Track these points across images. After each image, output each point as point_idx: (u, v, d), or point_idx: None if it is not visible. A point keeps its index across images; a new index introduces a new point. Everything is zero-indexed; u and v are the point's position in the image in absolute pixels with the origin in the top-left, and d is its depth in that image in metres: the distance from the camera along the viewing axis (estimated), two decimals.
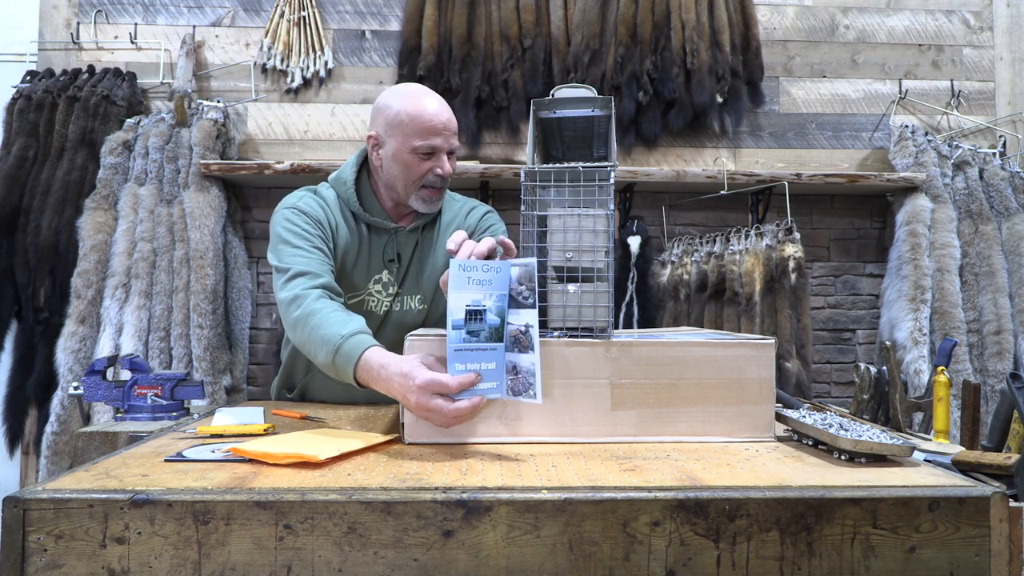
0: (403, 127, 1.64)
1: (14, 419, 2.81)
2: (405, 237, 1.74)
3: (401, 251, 1.73)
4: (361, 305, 1.71)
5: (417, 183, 1.67)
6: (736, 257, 2.79)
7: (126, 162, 2.85)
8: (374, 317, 1.72)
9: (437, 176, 1.67)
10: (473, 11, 2.96)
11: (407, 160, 1.65)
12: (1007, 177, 3.01)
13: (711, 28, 2.99)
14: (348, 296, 1.67)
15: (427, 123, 1.63)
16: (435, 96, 1.69)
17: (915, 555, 0.96)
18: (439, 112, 1.65)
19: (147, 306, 2.74)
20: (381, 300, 1.73)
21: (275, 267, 1.60)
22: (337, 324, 1.38)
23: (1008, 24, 3.22)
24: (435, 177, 1.67)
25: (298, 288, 1.50)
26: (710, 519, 0.95)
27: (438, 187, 1.69)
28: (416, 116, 1.63)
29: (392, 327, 1.73)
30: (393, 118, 1.65)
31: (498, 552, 0.93)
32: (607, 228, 1.30)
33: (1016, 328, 2.89)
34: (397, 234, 1.73)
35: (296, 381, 1.84)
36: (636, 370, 1.27)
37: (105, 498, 0.92)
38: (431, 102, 1.66)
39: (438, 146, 1.65)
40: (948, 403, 1.40)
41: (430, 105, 1.65)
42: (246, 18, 3.07)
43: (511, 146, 3.09)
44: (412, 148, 1.64)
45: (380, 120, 1.68)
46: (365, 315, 1.62)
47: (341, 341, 1.33)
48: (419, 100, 1.65)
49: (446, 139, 1.66)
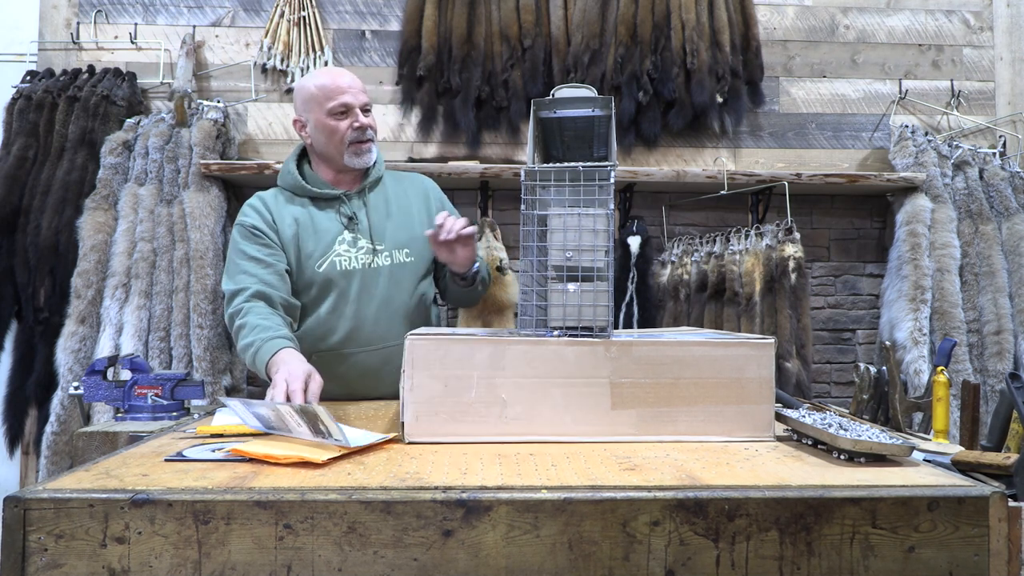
0: (315, 99, 1.85)
1: (14, 419, 2.81)
2: (354, 200, 1.90)
3: (355, 211, 1.88)
4: (333, 266, 1.84)
5: (343, 142, 1.85)
6: (736, 257, 2.79)
7: (126, 162, 2.85)
8: (353, 273, 1.85)
9: (356, 130, 1.84)
10: (473, 11, 2.96)
11: (327, 125, 1.84)
12: (1007, 177, 3.01)
13: (711, 28, 2.99)
14: (318, 261, 1.83)
15: (332, 87, 1.83)
16: (333, 68, 2.01)
17: (914, 555, 0.96)
18: (341, 75, 1.87)
19: (147, 306, 2.74)
20: (352, 256, 1.85)
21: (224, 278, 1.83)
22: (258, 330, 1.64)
23: (1008, 24, 3.22)
24: (355, 131, 1.84)
25: (231, 307, 1.74)
26: (709, 519, 0.95)
27: (363, 140, 1.86)
28: (322, 85, 1.84)
29: (385, 281, 1.86)
30: (306, 96, 1.87)
31: (498, 552, 0.93)
32: (607, 228, 1.30)
33: (1016, 328, 2.89)
34: (346, 199, 1.89)
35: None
36: (636, 370, 1.27)
37: (105, 498, 0.92)
38: (332, 71, 1.90)
39: (348, 103, 1.84)
40: (948, 403, 1.40)
41: (331, 73, 1.89)
42: (246, 18, 3.07)
43: (511, 146, 3.09)
44: (327, 112, 1.83)
45: (298, 103, 1.90)
46: (341, 274, 1.82)
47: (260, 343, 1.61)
48: (322, 73, 1.90)
49: (354, 95, 1.84)
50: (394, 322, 1.85)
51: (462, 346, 1.27)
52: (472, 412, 1.27)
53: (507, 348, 1.27)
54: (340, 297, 1.82)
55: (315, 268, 1.81)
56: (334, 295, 1.82)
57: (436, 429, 1.25)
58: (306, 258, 1.82)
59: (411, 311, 1.89)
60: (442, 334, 1.31)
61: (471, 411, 1.27)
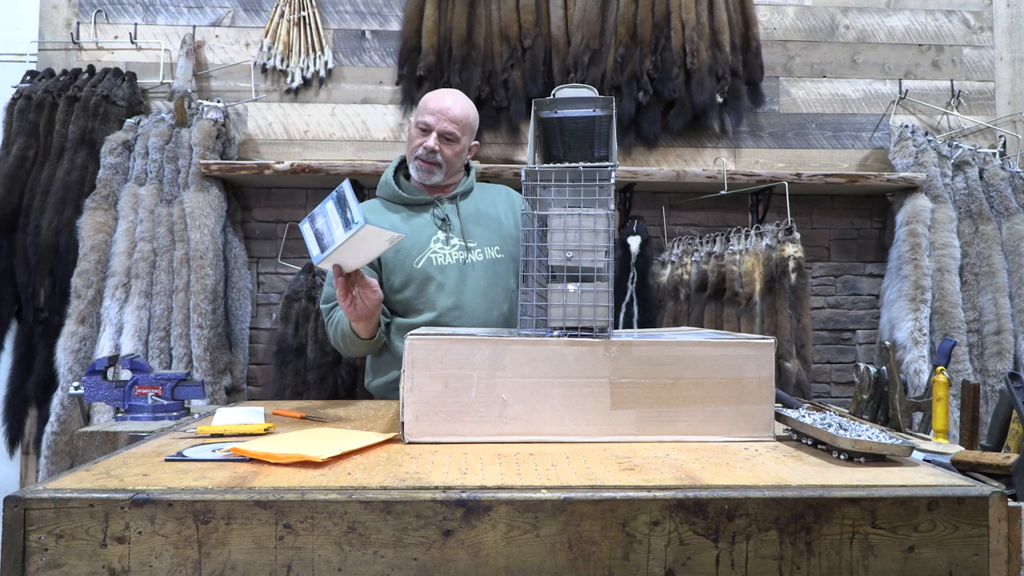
0: (418, 109, 2.04)
1: (14, 419, 2.81)
2: (446, 205, 2.04)
3: (448, 215, 2.03)
4: (430, 262, 1.97)
5: (413, 154, 1.99)
6: (736, 257, 2.79)
7: (126, 162, 2.85)
8: (448, 268, 1.98)
9: (424, 149, 1.96)
10: (473, 11, 2.96)
11: (411, 134, 2.01)
12: (1007, 177, 3.01)
13: (711, 28, 2.99)
14: (415, 258, 1.97)
15: (429, 105, 1.99)
16: (453, 91, 2.04)
17: (914, 554, 0.96)
18: (442, 98, 1.99)
19: (147, 306, 2.74)
20: (447, 253, 1.99)
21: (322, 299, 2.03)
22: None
23: (1008, 24, 3.22)
24: (422, 150, 1.97)
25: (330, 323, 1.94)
26: (709, 519, 0.95)
27: (426, 160, 1.97)
28: (425, 99, 2.01)
29: (480, 274, 1.99)
30: (419, 103, 2.04)
31: (497, 551, 0.93)
32: (607, 228, 1.30)
33: (1016, 328, 2.89)
34: (439, 203, 2.03)
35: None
36: (636, 369, 1.27)
37: (106, 497, 0.92)
38: (443, 94, 2.01)
39: (429, 123, 1.97)
40: (948, 403, 1.40)
41: (440, 94, 2.01)
42: (246, 18, 3.07)
43: (511, 146, 3.09)
44: (415, 123, 2.00)
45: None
46: (437, 269, 1.96)
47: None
48: (436, 91, 2.05)
49: (437, 119, 1.96)
50: (492, 310, 1.98)
51: (462, 346, 1.28)
52: (472, 412, 1.27)
53: (507, 348, 1.28)
54: (438, 289, 1.95)
55: (413, 264, 1.95)
56: (432, 287, 1.95)
57: (436, 429, 1.25)
58: (404, 256, 1.95)
59: (503, 301, 2.00)
60: (442, 334, 1.31)
61: (471, 411, 1.27)
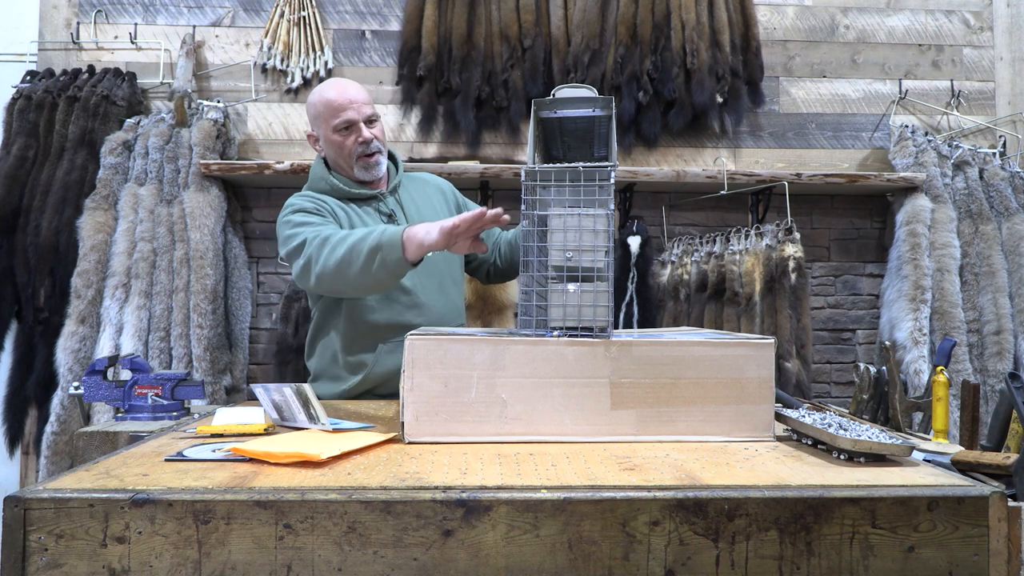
0: (322, 116, 1.88)
1: (14, 419, 2.81)
2: (389, 199, 1.95)
3: (392, 210, 1.93)
4: None
5: (351, 156, 1.88)
6: (736, 257, 2.79)
7: (126, 162, 2.85)
8: None
9: (361, 144, 1.87)
10: (473, 11, 2.96)
11: (334, 140, 1.88)
12: (1007, 177, 3.01)
13: (711, 28, 2.99)
14: None
15: (334, 103, 1.86)
16: (340, 80, 1.93)
17: (914, 554, 0.96)
18: (343, 90, 1.87)
19: (147, 306, 2.74)
20: None
21: (287, 253, 1.76)
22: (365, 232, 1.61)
23: (1008, 24, 3.22)
24: (360, 146, 1.87)
25: (312, 246, 1.67)
26: (709, 519, 0.95)
27: (368, 153, 1.88)
28: (326, 102, 1.87)
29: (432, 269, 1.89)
30: (314, 113, 1.91)
31: (497, 552, 0.93)
32: (607, 228, 1.30)
33: (1016, 328, 2.89)
34: (382, 197, 1.94)
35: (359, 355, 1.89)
36: (636, 369, 1.27)
37: (106, 497, 0.92)
38: (334, 85, 1.90)
39: (351, 119, 1.86)
40: (948, 403, 1.40)
41: (335, 86, 1.89)
42: (246, 18, 3.07)
43: (511, 146, 3.09)
44: (333, 128, 1.87)
45: (310, 119, 1.95)
46: None
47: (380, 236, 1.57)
48: (325, 88, 1.90)
49: (356, 110, 1.86)
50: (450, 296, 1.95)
51: (462, 346, 1.27)
52: (472, 412, 1.27)
53: (507, 348, 1.28)
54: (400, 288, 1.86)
55: None
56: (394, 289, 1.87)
57: (436, 429, 1.25)
58: None
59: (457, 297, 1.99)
60: (442, 334, 1.31)
61: (471, 411, 1.27)
